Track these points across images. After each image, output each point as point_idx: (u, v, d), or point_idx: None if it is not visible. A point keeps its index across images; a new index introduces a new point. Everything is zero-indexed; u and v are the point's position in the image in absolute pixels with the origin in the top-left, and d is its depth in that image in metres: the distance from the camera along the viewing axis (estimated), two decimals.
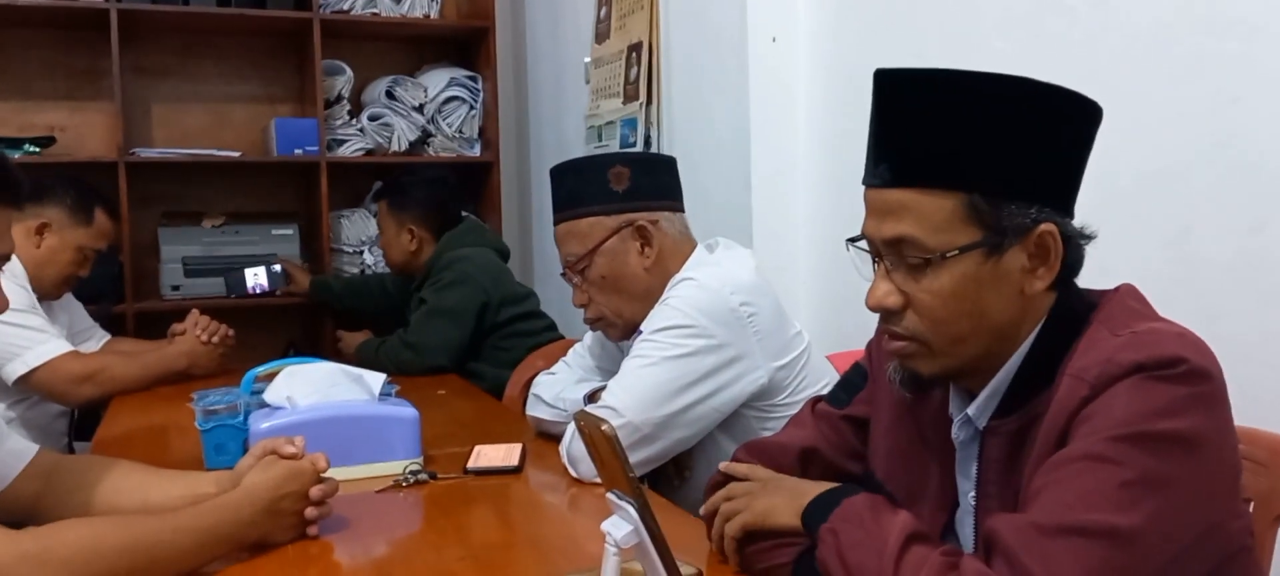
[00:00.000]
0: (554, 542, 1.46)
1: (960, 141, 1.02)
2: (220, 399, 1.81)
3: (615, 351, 2.01)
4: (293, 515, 1.35)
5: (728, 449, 1.67)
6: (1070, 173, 1.07)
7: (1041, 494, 0.94)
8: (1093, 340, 1.02)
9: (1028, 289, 1.05)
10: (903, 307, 1.07)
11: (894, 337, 1.10)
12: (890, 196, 1.05)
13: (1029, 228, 1.03)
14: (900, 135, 1.05)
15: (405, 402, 1.79)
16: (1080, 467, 0.93)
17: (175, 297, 3.55)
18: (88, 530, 1.17)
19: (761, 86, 2.47)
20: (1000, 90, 1.02)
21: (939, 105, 1.03)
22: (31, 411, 2.58)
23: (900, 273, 1.07)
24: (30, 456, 1.47)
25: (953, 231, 1.02)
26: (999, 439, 1.08)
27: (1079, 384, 0.98)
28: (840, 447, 1.33)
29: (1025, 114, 1.02)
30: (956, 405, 1.15)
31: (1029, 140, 1.02)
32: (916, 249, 1.04)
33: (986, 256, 1.03)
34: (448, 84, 3.89)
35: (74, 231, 2.67)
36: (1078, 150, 1.06)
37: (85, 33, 3.55)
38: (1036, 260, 1.05)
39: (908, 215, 1.04)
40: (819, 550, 1.07)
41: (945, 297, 1.04)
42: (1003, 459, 1.08)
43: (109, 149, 3.52)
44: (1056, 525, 0.90)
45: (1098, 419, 0.95)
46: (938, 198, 1.03)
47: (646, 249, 1.82)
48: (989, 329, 1.06)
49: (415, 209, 3.08)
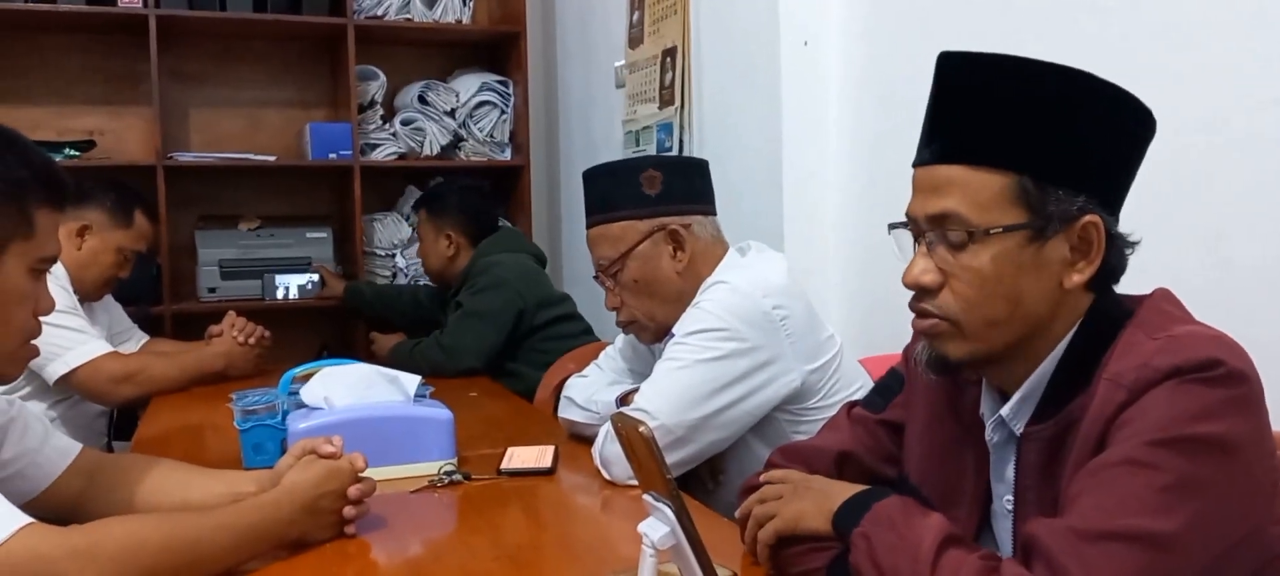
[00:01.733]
0: (588, 544, 1.47)
1: (1015, 123, 1.03)
2: (258, 399, 1.83)
3: (647, 354, 2.02)
4: (331, 514, 1.37)
5: (760, 452, 1.68)
6: (1120, 172, 1.07)
7: (1080, 499, 0.94)
8: (1129, 344, 1.01)
9: (1066, 281, 1.05)
10: (939, 286, 1.07)
11: (925, 316, 1.09)
12: (939, 173, 1.06)
13: (1074, 217, 1.03)
14: (956, 113, 1.06)
15: (440, 404, 1.80)
16: (1118, 473, 0.93)
17: (212, 299, 3.60)
18: (132, 526, 1.19)
19: (793, 90, 2.47)
20: (1061, 79, 1.03)
21: (998, 87, 1.04)
22: (72, 411, 2.63)
23: (941, 250, 1.06)
24: (74, 454, 1.50)
25: (999, 210, 1.03)
26: (1036, 444, 1.07)
27: (1116, 388, 0.98)
28: (876, 452, 1.33)
29: (1083, 105, 1.02)
30: (989, 406, 1.15)
31: (1083, 131, 1.03)
32: (960, 224, 1.04)
33: (1029, 241, 1.03)
34: (479, 89, 3.92)
35: (114, 233, 2.71)
36: (1129, 152, 1.07)
37: (124, 38, 3.61)
38: (1078, 253, 1.05)
39: (955, 190, 1.04)
40: (852, 555, 1.07)
41: (984, 276, 1.04)
42: (1041, 464, 1.07)
43: (147, 153, 3.57)
44: (1096, 530, 0.90)
45: (1135, 423, 0.95)
46: (987, 175, 1.03)
47: (679, 252, 1.83)
48: (1023, 317, 1.05)
49: (452, 216, 3.13)
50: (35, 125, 3.54)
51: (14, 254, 1.23)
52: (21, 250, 1.23)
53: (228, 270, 3.65)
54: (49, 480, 1.46)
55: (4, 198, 1.21)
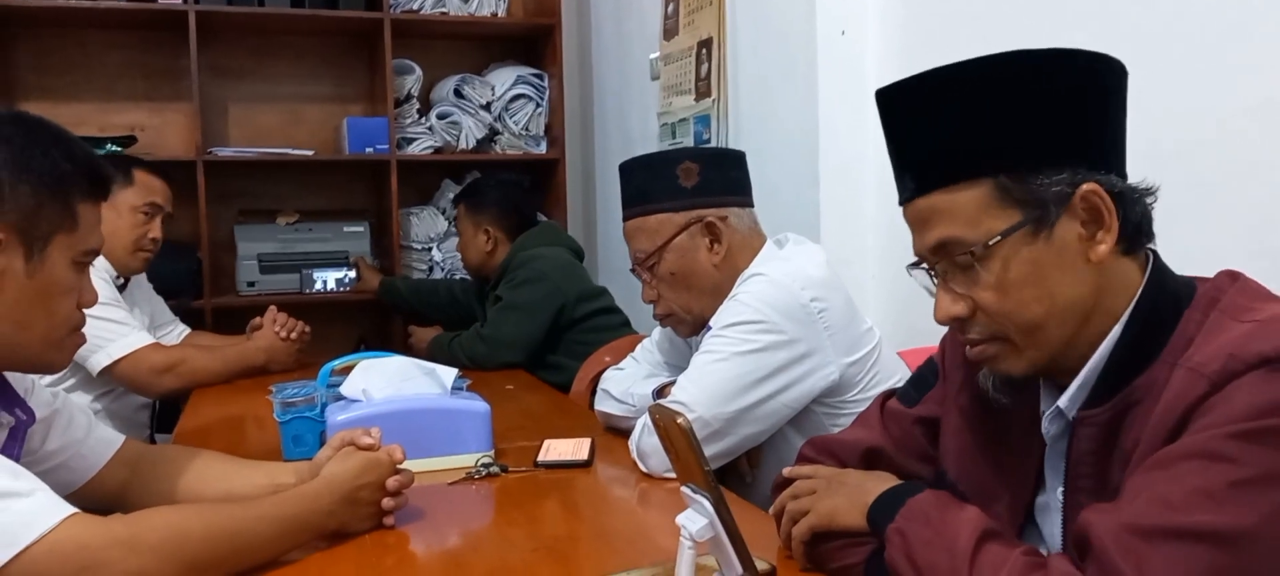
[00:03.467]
0: (624, 535, 1.46)
1: (968, 129, 1.00)
2: (298, 391, 1.85)
3: (684, 347, 2.01)
4: (371, 505, 1.38)
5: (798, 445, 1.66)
6: (1096, 128, 1.01)
7: (1145, 491, 0.89)
8: (1214, 326, 0.96)
9: (1093, 256, 1.00)
10: (971, 313, 1.04)
11: (973, 344, 1.06)
12: (921, 206, 1.04)
13: (1068, 193, 0.99)
14: (914, 144, 1.05)
15: (477, 396, 1.81)
16: (1189, 466, 0.88)
17: (251, 293, 3.64)
18: (174, 517, 1.20)
19: (830, 80, 2.45)
20: (995, 68, 0.99)
21: (939, 102, 1.01)
22: (116, 403, 2.67)
23: (957, 278, 1.04)
24: (118, 445, 1.52)
25: (990, 218, 1.00)
26: (1090, 430, 1.02)
27: (1198, 379, 0.91)
28: (908, 449, 1.30)
29: (1027, 83, 0.99)
30: (1046, 396, 1.10)
31: (1037, 108, 0.99)
32: (959, 247, 1.01)
33: (1034, 234, 0.99)
34: (514, 82, 3.93)
35: (120, 194, 2.63)
36: (1100, 104, 1.01)
37: (164, 34, 3.66)
38: (1091, 225, 1.00)
39: (941, 217, 1.02)
40: (887, 551, 1.06)
41: (1004, 287, 1.01)
42: (1094, 449, 1.01)
43: (188, 148, 3.61)
44: (1156, 527, 0.86)
45: (1216, 412, 0.89)
46: (964, 191, 1.00)
47: (716, 245, 1.81)
48: (1065, 309, 1.01)
49: (491, 210, 3.14)
50: (79, 121, 3.59)
51: (58, 246, 1.24)
52: (65, 243, 1.25)
53: (267, 264, 3.69)
54: (93, 471, 1.48)
55: (48, 191, 1.23)
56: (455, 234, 3.93)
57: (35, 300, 1.24)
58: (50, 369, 1.32)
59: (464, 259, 3.30)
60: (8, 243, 1.20)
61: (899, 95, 1.06)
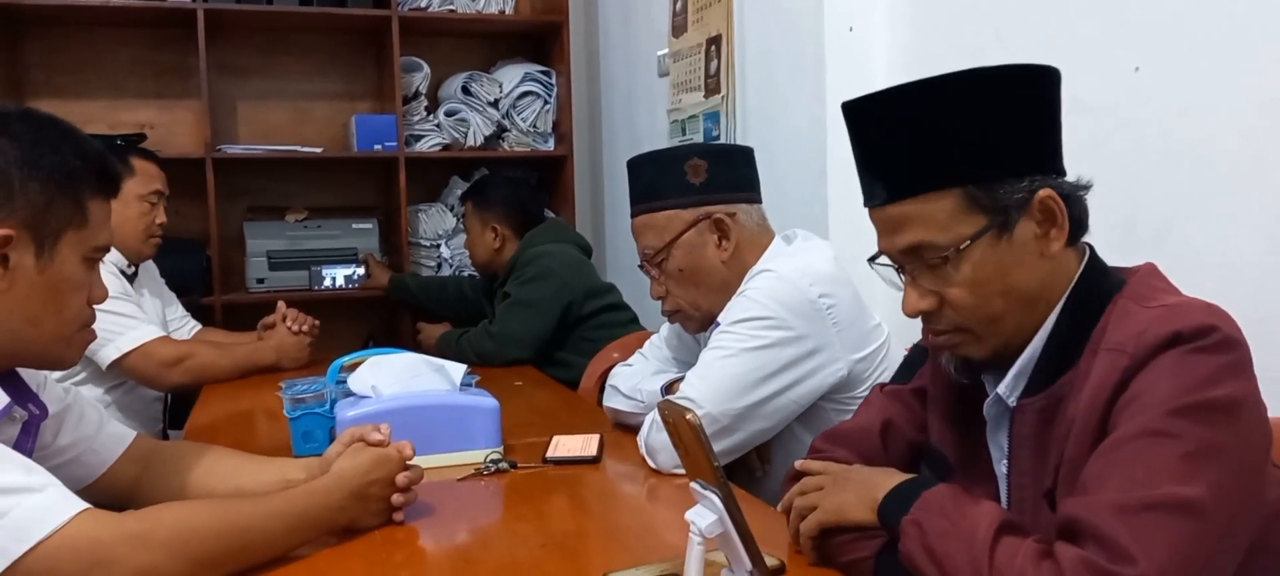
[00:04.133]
0: (634, 532, 1.47)
1: (940, 143, 1.08)
2: (307, 388, 1.85)
3: (692, 343, 2.01)
4: (380, 501, 1.38)
5: (807, 441, 1.66)
6: (1049, 137, 1.11)
7: (1108, 475, 0.96)
8: (1123, 313, 1.06)
9: (1046, 252, 1.10)
10: (938, 306, 1.13)
11: (938, 333, 1.16)
12: (893, 211, 1.12)
13: (1028, 199, 1.08)
14: (885, 155, 1.12)
15: (486, 393, 1.81)
16: (1141, 445, 0.96)
17: (260, 290, 3.65)
18: (185, 512, 1.21)
19: (838, 76, 2.44)
20: (962, 86, 1.08)
21: (912, 117, 1.09)
22: (128, 398, 2.68)
23: (925, 276, 1.13)
24: (128, 441, 1.53)
25: (959, 224, 1.08)
26: (1028, 416, 1.12)
27: (1119, 355, 1.01)
28: (912, 420, 1.37)
29: (992, 99, 1.07)
30: (989, 380, 1.18)
31: (1002, 121, 1.08)
32: (932, 251, 1.10)
33: (997, 237, 1.09)
34: (522, 79, 3.93)
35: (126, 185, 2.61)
36: (1050, 115, 1.11)
37: (173, 32, 3.67)
38: (1045, 224, 1.09)
39: (914, 223, 1.10)
40: (903, 543, 1.06)
41: (972, 285, 1.10)
42: (1032, 434, 1.11)
43: (197, 145, 3.62)
44: (1136, 502, 0.93)
45: (1147, 395, 0.98)
46: (936, 199, 1.09)
47: (724, 241, 1.81)
48: (1022, 300, 1.11)
49: (498, 208, 3.14)
50: (89, 119, 3.60)
51: (68, 243, 1.25)
52: (76, 239, 1.26)
53: (276, 261, 3.70)
54: (104, 466, 1.49)
55: (59, 188, 1.23)
56: (463, 231, 3.94)
57: (46, 296, 1.24)
58: (61, 365, 1.32)
59: (472, 256, 3.31)
60: (18, 239, 1.21)
61: (869, 109, 1.14)
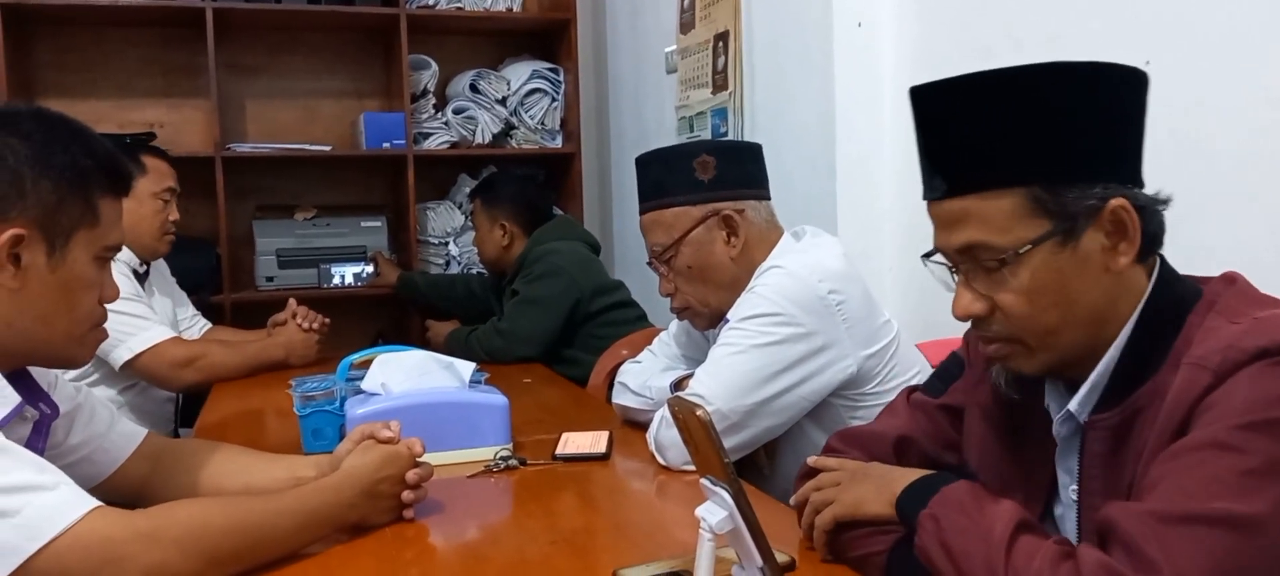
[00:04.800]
0: (644, 528, 1.47)
1: (1008, 138, 1.01)
2: (317, 385, 1.86)
3: (701, 340, 2.01)
4: (390, 498, 1.38)
5: (816, 438, 1.66)
6: (1127, 143, 1.04)
7: (1161, 482, 0.92)
8: (1211, 328, 1.00)
9: (1113, 266, 1.03)
10: (990, 312, 1.06)
11: (989, 342, 1.09)
12: (952, 206, 1.06)
13: (1098, 207, 1.01)
14: (948, 146, 1.06)
15: (495, 390, 1.81)
16: (1202, 456, 0.91)
17: (270, 288, 3.66)
18: (196, 510, 1.21)
19: (847, 72, 2.44)
20: (1037, 78, 1.01)
21: (980, 107, 1.02)
22: (140, 398, 2.69)
23: (979, 278, 1.06)
24: (139, 440, 1.53)
25: (1021, 227, 1.02)
26: (1100, 432, 1.06)
27: (1201, 372, 0.96)
28: (936, 437, 1.32)
29: (1068, 96, 1.00)
30: (1056, 399, 1.13)
31: (1076, 121, 1.01)
32: (989, 252, 1.03)
33: (1062, 245, 1.02)
34: (530, 76, 3.93)
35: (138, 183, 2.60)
36: (1130, 120, 1.04)
37: (182, 31, 3.67)
38: (1115, 237, 1.03)
39: (972, 221, 1.04)
40: (919, 537, 1.06)
41: (1028, 293, 1.03)
42: (1105, 453, 1.05)
43: (206, 144, 3.63)
44: (1178, 514, 0.88)
45: (1220, 406, 0.93)
46: (998, 198, 1.02)
47: (733, 238, 1.81)
48: (1082, 316, 1.04)
49: (506, 205, 3.15)
50: (98, 118, 3.61)
51: (80, 242, 1.25)
52: (87, 238, 1.26)
53: (285, 259, 3.71)
54: (115, 465, 1.49)
55: (70, 187, 1.24)
56: (472, 228, 3.94)
57: (58, 295, 1.25)
58: (73, 363, 1.33)
59: (481, 253, 3.31)
60: (30, 238, 1.21)
61: (937, 96, 1.07)
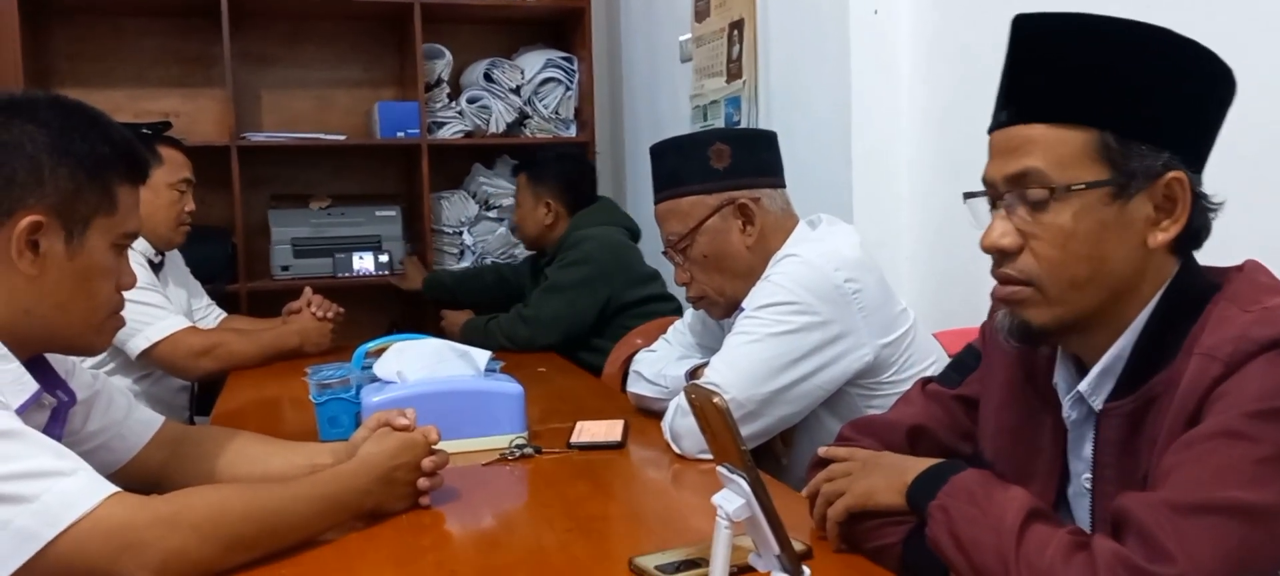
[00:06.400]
0: (659, 516, 1.47)
1: (1096, 79, 1.01)
2: (333, 373, 1.86)
3: (717, 329, 2.01)
4: (406, 485, 1.39)
5: (832, 427, 1.66)
6: (1203, 129, 1.04)
7: (1174, 472, 0.92)
8: (1222, 317, 0.99)
9: (1151, 241, 1.02)
10: (1019, 248, 1.04)
11: (1007, 282, 1.07)
12: (1018, 133, 1.04)
13: (1158, 173, 1.01)
14: (1033, 74, 1.04)
15: (510, 378, 1.81)
16: (1214, 445, 0.91)
17: (285, 277, 3.67)
18: (214, 496, 1.21)
19: (863, 59, 2.42)
20: (1142, 35, 1.01)
21: (1076, 46, 1.02)
22: (155, 386, 2.70)
23: (1020, 212, 1.04)
24: (157, 427, 1.54)
25: (1080, 167, 1.01)
26: (1115, 420, 1.05)
27: (1211, 362, 0.95)
28: (950, 427, 1.31)
29: (1165, 60, 1.00)
30: (1066, 380, 1.12)
31: (1165, 87, 1.01)
32: (1041, 181, 1.02)
33: (1112, 198, 1.01)
34: (544, 66, 3.93)
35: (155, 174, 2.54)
36: (1212, 110, 1.04)
37: (198, 21, 3.68)
38: (1162, 211, 1.02)
39: (1035, 148, 1.02)
40: (929, 527, 1.05)
41: (1065, 235, 1.02)
42: (1120, 440, 1.05)
43: (222, 133, 3.64)
44: (1191, 503, 0.88)
45: (1231, 396, 0.92)
46: (1067, 132, 1.01)
47: (748, 227, 1.81)
48: (1106, 279, 1.03)
49: (552, 183, 3.10)
50: (115, 108, 3.63)
51: (97, 229, 1.26)
52: (104, 226, 1.26)
53: (300, 248, 3.72)
54: (133, 452, 1.50)
55: (88, 175, 1.24)
56: (486, 217, 3.94)
57: (75, 283, 1.25)
58: (90, 351, 1.33)
59: (521, 230, 3.25)
60: (48, 225, 1.21)
61: (1040, 24, 1.05)
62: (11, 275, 1.21)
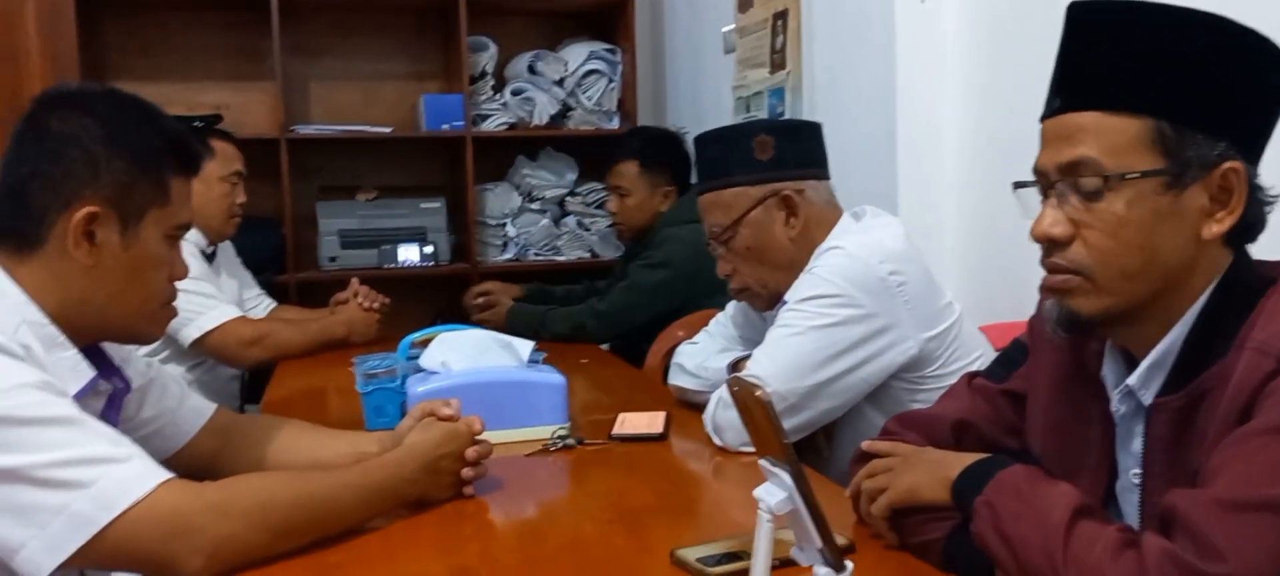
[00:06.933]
0: (700, 508, 1.47)
1: (1152, 66, 0.99)
2: (379, 363, 1.88)
3: (758, 321, 2.00)
4: (451, 474, 1.40)
5: (876, 421, 1.65)
6: (1261, 119, 1.02)
7: (1225, 468, 0.90)
8: (1274, 311, 0.97)
9: (1205, 232, 1.01)
10: (1070, 238, 1.03)
11: (1056, 271, 1.05)
12: (1071, 121, 1.03)
13: (1214, 163, 0.99)
14: (1088, 60, 1.03)
15: (553, 369, 1.82)
16: (1265, 441, 0.89)
17: (333, 268, 3.72)
18: (264, 483, 1.24)
19: (908, 49, 2.40)
20: (1199, 23, 0.99)
21: (1131, 32, 1.00)
22: (208, 375, 2.75)
23: (1072, 201, 1.02)
24: (209, 414, 1.56)
25: (1135, 155, 0.99)
26: (1165, 415, 1.03)
27: (1263, 357, 0.93)
28: (996, 422, 1.29)
29: (1223, 49, 0.98)
30: (1115, 374, 1.10)
31: (1224, 75, 0.99)
32: (1094, 169, 1.00)
33: (1166, 188, 0.99)
34: (587, 57, 3.93)
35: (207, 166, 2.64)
36: (1270, 99, 1.02)
37: (247, 14, 3.73)
38: (1217, 203, 1.00)
39: (1088, 136, 1.01)
40: (975, 523, 1.04)
41: (1118, 224, 1.00)
42: (1170, 436, 1.03)
43: (271, 126, 3.69)
44: (1242, 500, 0.87)
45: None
46: (1122, 120, 1.00)
47: (792, 219, 1.80)
48: (1158, 270, 1.01)
49: (671, 166, 2.97)
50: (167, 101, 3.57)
51: (151, 221, 1.28)
52: (158, 217, 1.29)
53: (347, 240, 3.76)
54: (185, 438, 1.53)
55: (142, 167, 1.27)
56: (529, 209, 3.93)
57: (130, 273, 1.28)
58: (144, 340, 1.36)
59: (628, 221, 3.00)
60: (104, 216, 1.24)
61: (1095, 10, 1.04)
62: (68, 265, 1.24)
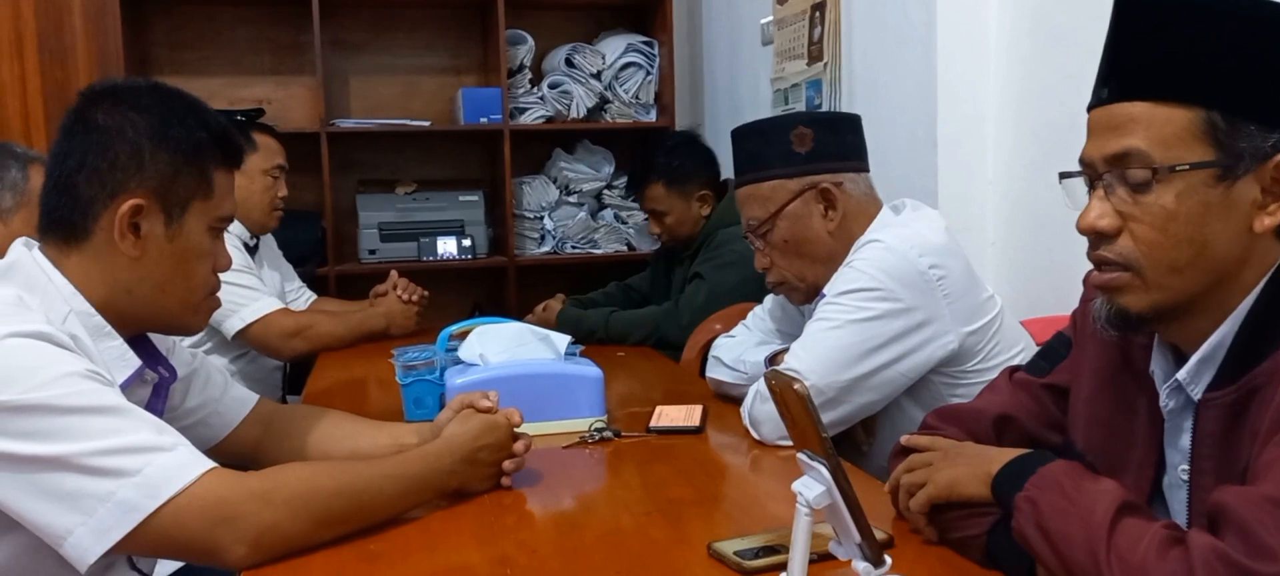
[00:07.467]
0: (738, 501, 1.47)
1: (1203, 55, 0.97)
2: (418, 355, 1.90)
3: (796, 314, 1.99)
4: (490, 466, 1.41)
5: (915, 415, 1.63)
6: None
7: (1275, 465, 0.88)
8: None
9: (1257, 225, 0.98)
10: (1117, 231, 1.01)
11: (1104, 266, 1.03)
12: (1120, 111, 1.00)
13: (1267, 155, 0.96)
14: (1136, 49, 1.01)
15: (590, 362, 1.83)
16: None
17: (372, 261, 3.75)
18: (306, 472, 1.25)
19: (949, 39, 2.37)
20: (1250, 10, 0.96)
21: (1181, 20, 0.98)
22: (250, 366, 2.79)
23: (1120, 193, 1.00)
24: (252, 404, 1.59)
25: (1184, 147, 0.97)
26: (1215, 411, 1.01)
27: None
28: (1038, 416, 1.27)
29: (1275, 37, 0.96)
30: (1163, 368, 1.08)
31: (1277, 64, 0.96)
32: (1142, 161, 0.98)
33: (1217, 180, 0.97)
34: (624, 50, 3.93)
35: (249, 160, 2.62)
36: None
37: (289, 9, 3.78)
38: (1270, 195, 0.98)
39: (1137, 128, 0.99)
40: (1016, 519, 1.03)
41: (1167, 217, 0.98)
42: (1219, 432, 1.00)
43: (312, 120, 3.73)
44: None
45: None
46: (1172, 110, 0.98)
47: (830, 212, 1.79)
48: (1209, 264, 0.99)
49: (700, 176, 2.91)
50: (210, 95, 3.72)
51: (195, 213, 1.30)
52: (201, 209, 1.31)
53: (387, 232, 3.79)
54: (229, 428, 1.55)
55: (186, 159, 1.28)
56: (567, 202, 3.94)
57: (175, 264, 1.30)
58: (188, 330, 1.38)
59: (677, 234, 2.92)
60: (149, 208, 1.26)
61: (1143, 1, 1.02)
62: (114, 256, 1.26)
